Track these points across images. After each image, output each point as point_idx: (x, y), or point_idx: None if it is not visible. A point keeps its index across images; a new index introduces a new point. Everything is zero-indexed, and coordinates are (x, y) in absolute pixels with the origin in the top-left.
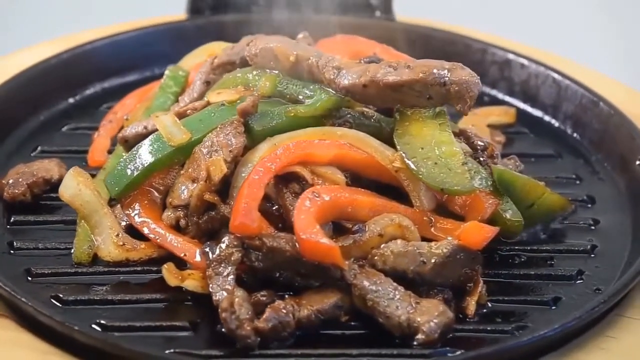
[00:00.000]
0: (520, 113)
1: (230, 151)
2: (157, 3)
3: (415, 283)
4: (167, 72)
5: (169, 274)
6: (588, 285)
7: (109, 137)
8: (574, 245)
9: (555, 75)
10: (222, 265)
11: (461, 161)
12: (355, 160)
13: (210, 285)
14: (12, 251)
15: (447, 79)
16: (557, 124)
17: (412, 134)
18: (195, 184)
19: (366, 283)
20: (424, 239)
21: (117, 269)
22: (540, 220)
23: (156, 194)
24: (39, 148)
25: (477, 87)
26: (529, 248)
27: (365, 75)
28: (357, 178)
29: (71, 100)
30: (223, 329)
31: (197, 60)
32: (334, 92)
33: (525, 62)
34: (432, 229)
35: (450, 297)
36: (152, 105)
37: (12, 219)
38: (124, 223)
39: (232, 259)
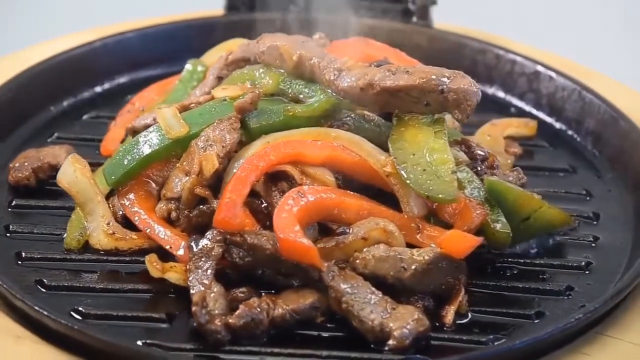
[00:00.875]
0: (544, 126)
1: (223, 147)
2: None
3: (396, 289)
4: (187, 66)
5: (151, 265)
6: (575, 302)
7: (124, 127)
8: (569, 260)
9: (581, 90)
10: (203, 259)
11: (451, 169)
12: (348, 162)
13: (189, 278)
14: (7, 234)
15: (445, 86)
16: (578, 139)
17: (406, 139)
18: (188, 177)
19: (343, 285)
20: (410, 245)
21: (105, 258)
22: (538, 233)
23: (154, 185)
24: (55, 134)
25: (475, 97)
26: (522, 261)
27: (363, 79)
28: (351, 181)
29: (98, 89)
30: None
31: (219, 56)
32: (334, 93)
33: (553, 74)
34: (419, 236)
35: (431, 305)
36: (169, 98)
37: (14, 202)
38: (121, 212)
39: (213, 253)
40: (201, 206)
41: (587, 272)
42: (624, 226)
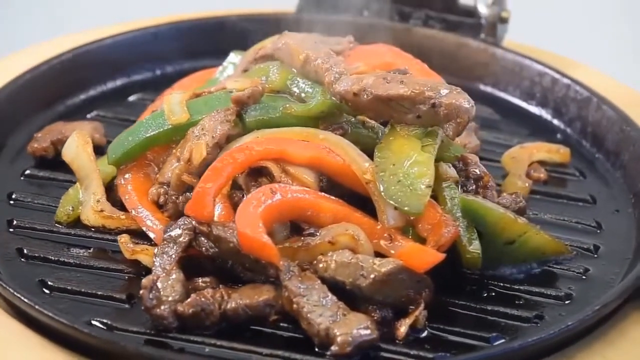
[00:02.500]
0: (584, 155)
1: (213, 137)
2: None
3: (356, 296)
4: (229, 57)
5: (122, 245)
6: (539, 331)
7: None
8: (550, 290)
9: (622, 121)
10: (170, 245)
11: (426, 184)
12: (331, 166)
13: (154, 262)
14: (10, 201)
15: (437, 100)
16: (612, 171)
17: (392, 149)
18: (178, 163)
19: (297, 286)
20: (381, 255)
21: (91, 235)
22: (527, 259)
23: (156, 169)
24: (95, 112)
25: (467, 114)
26: (502, 284)
27: (357, 84)
28: (339, 184)
29: (158, 72)
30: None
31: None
32: (332, 96)
33: (601, 103)
34: (388, 246)
35: (390, 316)
36: (205, 87)
37: (27, 171)
38: None
39: (180, 240)
40: (188, 193)
41: (566, 302)
42: (620, 262)
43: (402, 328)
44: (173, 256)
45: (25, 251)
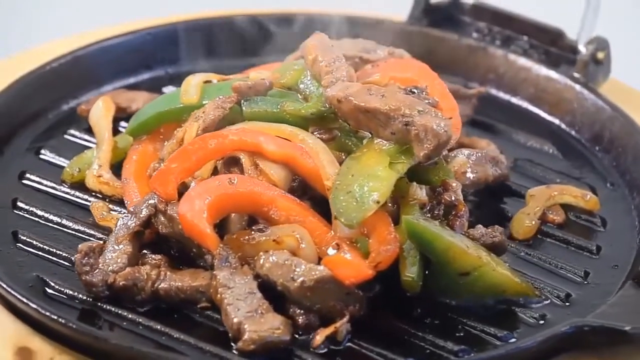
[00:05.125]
0: (623, 207)
1: (204, 121)
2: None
3: (286, 298)
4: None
5: (93, 211)
6: None
7: None
8: (497, 329)
9: None
10: (131, 217)
11: (375, 199)
12: (302, 167)
13: (113, 231)
14: (40, 156)
15: (410, 119)
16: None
17: (360, 160)
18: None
19: (226, 277)
20: None
21: (87, 197)
22: (484, 294)
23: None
24: (171, 87)
25: (438, 138)
26: (450, 314)
27: (343, 91)
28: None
29: (255, 61)
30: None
31: None
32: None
33: None
34: (326, 254)
35: (315, 323)
36: None
37: (70, 130)
38: None
39: (140, 215)
40: None
41: (507, 343)
42: (585, 314)
43: (318, 337)
44: (130, 227)
45: (17, 202)
